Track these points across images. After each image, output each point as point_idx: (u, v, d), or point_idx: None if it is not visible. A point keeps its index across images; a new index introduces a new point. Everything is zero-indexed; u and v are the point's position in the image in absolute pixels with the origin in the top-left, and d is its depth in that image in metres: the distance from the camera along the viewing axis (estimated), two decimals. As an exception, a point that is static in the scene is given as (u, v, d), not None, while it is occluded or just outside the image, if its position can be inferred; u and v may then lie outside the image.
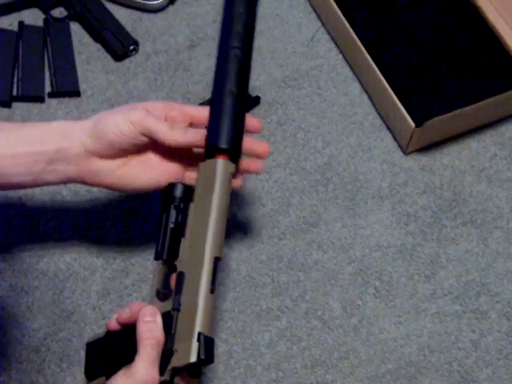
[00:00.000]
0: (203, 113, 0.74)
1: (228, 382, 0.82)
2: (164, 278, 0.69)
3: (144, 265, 0.88)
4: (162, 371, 0.63)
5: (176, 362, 0.63)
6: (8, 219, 0.89)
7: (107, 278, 0.87)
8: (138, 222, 0.91)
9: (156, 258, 0.70)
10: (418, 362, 0.85)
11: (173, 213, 0.70)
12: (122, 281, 0.87)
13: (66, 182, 0.73)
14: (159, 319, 0.66)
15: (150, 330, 0.64)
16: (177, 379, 0.65)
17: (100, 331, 0.73)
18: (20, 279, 0.86)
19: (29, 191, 0.90)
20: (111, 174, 0.73)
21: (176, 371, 0.64)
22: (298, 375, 0.83)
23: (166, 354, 0.64)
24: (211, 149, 0.71)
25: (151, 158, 0.75)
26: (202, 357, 0.62)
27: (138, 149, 0.73)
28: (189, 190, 0.71)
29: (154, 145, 0.73)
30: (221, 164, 0.70)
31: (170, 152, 0.75)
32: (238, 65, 0.74)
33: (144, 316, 0.65)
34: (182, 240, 0.69)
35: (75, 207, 0.91)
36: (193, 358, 0.62)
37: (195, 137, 0.71)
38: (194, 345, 0.62)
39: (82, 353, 0.75)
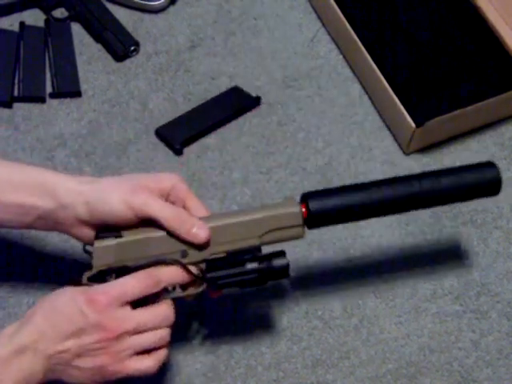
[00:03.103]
0: (198, 211, 0.72)
1: (228, 381, 0.82)
2: None
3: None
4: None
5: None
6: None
7: (108, 278, 0.87)
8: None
9: None
10: (418, 361, 0.85)
11: None
12: (123, 281, 0.87)
13: (54, 231, 0.73)
14: None
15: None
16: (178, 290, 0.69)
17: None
18: (21, 279, 0.86)
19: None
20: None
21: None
22: (298, 375, 0.83)
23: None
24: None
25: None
26: None
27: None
28: None
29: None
30: None
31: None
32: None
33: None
34: None
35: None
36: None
37: (196, 236, 0.69)
38: None
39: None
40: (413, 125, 0.94)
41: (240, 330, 0.85)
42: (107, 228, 0.69)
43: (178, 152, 0.97)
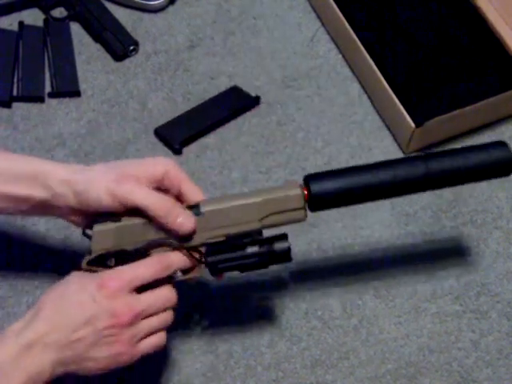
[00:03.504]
0: (194, 196, 0.71)
1: (228, 381, 0.82)
2: None
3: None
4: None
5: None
6: (8, 218, 0.89)
7: (107, 277, 0.87)
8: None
9: None
10: (417, 362, 0.85)
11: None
12: (122, 281, 0.87)
13: (52, 217, 0.73)
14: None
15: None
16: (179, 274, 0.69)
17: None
18: (20, 278, 0.86)
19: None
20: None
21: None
22: (297, 375, 0.83)
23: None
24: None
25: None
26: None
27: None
28: None
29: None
30: None
31: None
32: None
33: None
34: None
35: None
36: None
37: (182, 226, 0.68)
38: None
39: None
40: (412, 125, 0.94)
41: (239, 329, 0.85)
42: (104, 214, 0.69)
43: (178, 152, 0.97)
